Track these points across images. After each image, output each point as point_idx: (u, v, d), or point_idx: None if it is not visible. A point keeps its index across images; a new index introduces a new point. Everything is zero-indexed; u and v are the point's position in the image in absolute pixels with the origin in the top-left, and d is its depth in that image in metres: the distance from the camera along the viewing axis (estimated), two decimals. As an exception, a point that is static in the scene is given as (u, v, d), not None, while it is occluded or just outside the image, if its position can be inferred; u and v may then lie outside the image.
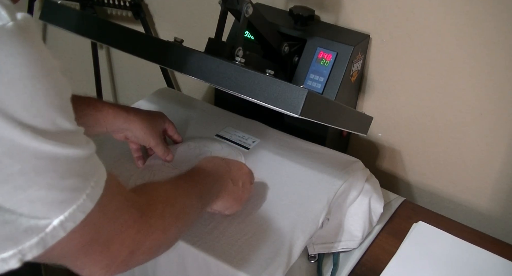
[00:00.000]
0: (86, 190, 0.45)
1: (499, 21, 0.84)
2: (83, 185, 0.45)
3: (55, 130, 0.42)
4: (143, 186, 0.61)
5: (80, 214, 0.44)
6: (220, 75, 0.69)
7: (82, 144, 0.45)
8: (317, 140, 0.96)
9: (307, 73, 0.95)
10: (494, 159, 0.96)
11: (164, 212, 0.57)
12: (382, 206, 0.89)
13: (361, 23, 0.98)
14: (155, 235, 0.55)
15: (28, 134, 0.40)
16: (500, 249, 0.85)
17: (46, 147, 0.41)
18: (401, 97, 1.01)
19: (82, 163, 0.45)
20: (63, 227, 0.44)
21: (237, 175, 0.78)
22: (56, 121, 0.42)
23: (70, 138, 0.43)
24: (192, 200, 0.65)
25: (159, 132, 0.88)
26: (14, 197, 0.41)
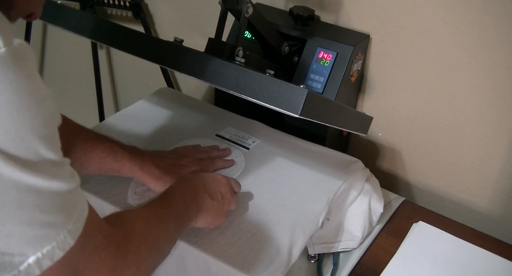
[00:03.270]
0: (68, 226, 0.43)
1: (499, 21, 0.84)
2: (65, 221, 0.43)
3: (39, 161, 0.41)
4: (120, 216, 0.59)
5: (58, 251, 0.43)
6: (220, 75, 0.69)
7: (67, 177, 0.44)
8: (317, 140, 0.96)
9: (307, 73, 0.95)
10: (494, 159, 0.96)
11: (139, 246, 0.55)
12: (382, 206, 0.89)
13: (361, 23, 0.98)
14: (130, 271, 0.52)
15: (11, 165, 0.38)
16: (500, 249, 0.85)
17: (29, 178, 0.40)
18: (401, 97, 1.01)
19: (65, 197, 0.43)
20: (39, 265, 0.42)
21: (214, 188, 0.75)
22: (40, 152, 0.41)
23: (54, 170, 0.42)
24: (169, 226, 0.63)
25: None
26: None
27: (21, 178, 0.39)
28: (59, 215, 0.42)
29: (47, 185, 0.41)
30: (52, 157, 0.42)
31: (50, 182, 0.41)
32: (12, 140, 0.39)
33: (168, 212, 0.65)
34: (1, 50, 0.38)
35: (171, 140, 0.95)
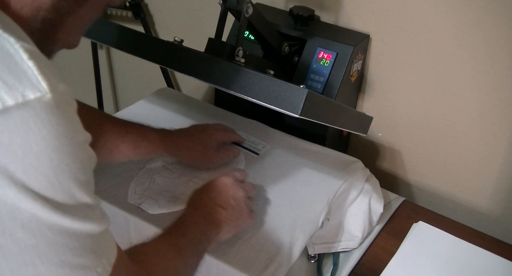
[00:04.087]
0: (98, 268, 0.44)
1: (500, 21, 0.84)
2: (94, 263, 0.43)
3: (75, 205, 0.41)
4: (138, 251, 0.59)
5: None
6: (220, 75, 0.69)
7: (98, 219, 0.44)
8: (317, 140, 0.96)
9: (307, 73, 0.95)
10: (494, 159, 0.96)
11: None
12: (382, 206, 0.89)
13: (361, 23, 0.98)
14: None
15: (47, 208, 0.39)
16: (500, 249, 0.85)
17: (63, 221, 0.40)
18: (401, 97, 1.01)
19: (96, 239, 0.44)
20: None
21: (223, 197, 0.74)
22: (76, 196, 0.41)
23: (88, 213, 0.42)
24: (187, 257, 0.63)
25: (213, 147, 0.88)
26: (23, 272, 0.40)
27: (56, 220, 0.39)
28: (90, 256, 0.43)
29: (80, 227, 0.41)
30: (87, 200, 0.42)
31: (83, 224, 0.42)
32: (50, 184, 0.39)
33: (185, 242, 0.65)
34: (46, 96, 0.38)
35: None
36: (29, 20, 0.45)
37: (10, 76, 0.37)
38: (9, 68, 0.37)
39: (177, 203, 0.81)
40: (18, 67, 0.37)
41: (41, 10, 0.45)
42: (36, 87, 0.37)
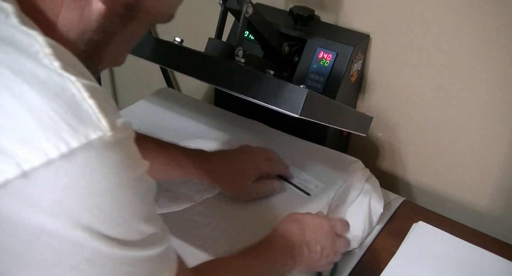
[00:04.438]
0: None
1: (500, 21, 0.84)
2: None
3: (138, 238, 0.41)
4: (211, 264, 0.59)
5: None
6: (220, 75, 0.69)
7: (161, 239, 0.44)
8: (317, 140, 0.96)
9: (307, 73, 0.95)
10: (494, 159, 0.96)
11: None
12: (382, 206, 0.89)
13: (361, 23, 0.98)
14: None
15: (111, 244, 0.39)
16: (500, 249, 0.85)
17: (127, 253, 0.40)
18: (401, 97, 1.01)
19: (159, 258, 0.43)
20: None
21: (314, 239, 0.71)
22: (141, 229, 0.41)
23: (151, 240, 0.42)
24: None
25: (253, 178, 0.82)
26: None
27: (120, 253, 0.39)
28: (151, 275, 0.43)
29: (145, 254, 0.41)
30: (150, 230, 0.42)
31: (147, 250, 0.42)
32: (114, 220, 0.39)
33: (259, 264, 0.64)
34: (107, 134, 0.37)
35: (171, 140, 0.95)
36: (76, 42, 0.45)
37: (74, 118, 0.36)
38: (72, 110, 0.37)
39: (177, 203, 0.81)
40: (80, 107, 0.37)
41: (87, 31, 0.45)
42: (97, 126, 0.37)
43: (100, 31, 0.46)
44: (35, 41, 0.38)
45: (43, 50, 0.38)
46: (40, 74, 0.37)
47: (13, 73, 0.36)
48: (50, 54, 0.38)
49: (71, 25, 0.44)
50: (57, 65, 0.38)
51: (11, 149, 0.35)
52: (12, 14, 0.39)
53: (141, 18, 0.48)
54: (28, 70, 0.37)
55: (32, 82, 0.36)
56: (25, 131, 0.35)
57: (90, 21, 0.45)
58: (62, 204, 0.36)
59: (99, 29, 0.46)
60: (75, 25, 0.44)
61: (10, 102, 0.35)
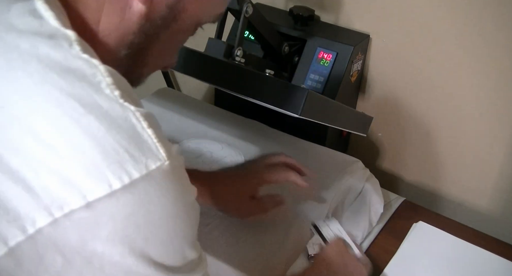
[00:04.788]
0: None
1: (500, 21, 0.84)
2: None
3: (184, 264, 0.42)
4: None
5: None
6: (220, 75, 0.69)
7: (200, 264, 0.44)
8: (317, 140, 0.96)
9: (307, 73, 0.95)
10: (494, 159, 0.96)
11: None
12: (382, 206, 0.89)
13: (361, 23, 0.98)
14: None
15: (160, 270, 0.39)
16: (500, 249, 0.84)
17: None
18: (401, 97, 1.01)
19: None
20: None
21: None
22: (187, 255, 0.42)
23: (193, 266, 0.43)
24: None
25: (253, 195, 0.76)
26: None
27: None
28: None
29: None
30: (193, 256, 0.43)
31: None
32: (165, 249, 0.40)
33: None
34: (165, 163, 0.38)
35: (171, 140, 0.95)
36: (118, 45, 0.45)
37: (135, 148, 0.37)
38: (134, 140, 0.37)
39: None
40: (141, 137, 0.38)
41: (128, 34, 0.45)
42: (156, 156, 0.38)
43: (142, 33, 0.46)
44: (98, 70, 0.38)
45: (105, 80, 0.38)
46: (103, 105, 0.37)
47: (79, 104, 0.37)
48: (111, 84, 0.38)
49: (112, 29, 0.44)
50: (117, 94, 0.38)
51: (77, 180, 0.36)
52: (74, 42, 0.39)
53: (184, 19, 0.47)
54: (93, 100, 0.37)
55: (97, 113, 0.37)
56: (90, 162, 0.36)
57: (130, 24, 0.45)
58: (120, 233, 0.37)
59: (140, 32, 0.45)
60: (115, 29, 0.44)
61: (77, 134, 0.36)
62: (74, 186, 0.35)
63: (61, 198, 0.35)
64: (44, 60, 0.37)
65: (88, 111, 0.36)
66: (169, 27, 0.47)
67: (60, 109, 0.36)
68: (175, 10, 0.46)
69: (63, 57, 0.38)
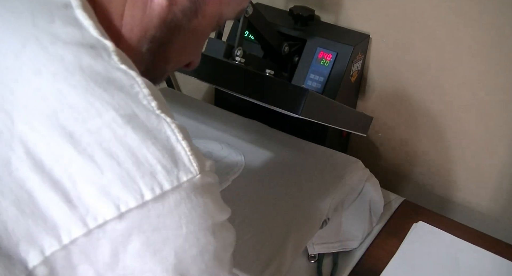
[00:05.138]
0: None
1: (500, 21, 0.84)
2: None
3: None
4: None
5: None
6: (220, 75, 0.69)
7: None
8: (317, 140, 0.96)
9: (307, 73, 0.95)
10: (494, 159, 0.96)
11: None
12: (382, 206, 0.89)
13: (361, 23, 0.98)
14: None
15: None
16: (500, 249, 0.85)
17: None
18: (401, 97, 1.01)
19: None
20: None
21: None
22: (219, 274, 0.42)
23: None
24: None
25: None
26: None
27: None
28: None
29: None
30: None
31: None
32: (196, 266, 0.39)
33: None
34: (197, 177, 0.38)
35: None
36: (140, 39, 0.45)
37: (169, 160, 0.37)
38: (167, 152, 0.38)
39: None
40: (174, 149, 0.38)
41: (150, 28, 0.45)
42: (188, 168, 0.38)
43: (164, 26, 0.46)
44: (135, 82, 0.39)
45: (142, 91, 0.39)
46: (140, 116, 0.38)
47: (117, 114, 0.37)
48: (148, 95, 0.39)
49: (134, 23, 0.44)
50: (154, 105, 0.39)
51: (111, 191, 0.36)
52: (113, 53, 0.39)
53: (206, 13, 0.47)
54: (130, 111, 0.38)
55: (134, 124, 0.37)
56: (124, 173, 0.36)
57: (152, 17, 0.45)
58: (151, 247, 0.37)
59: (162, 25, 0.46)
60: (138, 23, 0.44)
61: (114, 144, 0.36)
62: (108, 196, 0.36)
63: (96, 208, 0.36)
64: (86, 71, 0.38)
65: (126, 122, 0.37)
66: (191, 21, 0.47)
67: (101, 119, 0.37)
68: (196, 4, 0.46)
69: (104, 68, 0.38)
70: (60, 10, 0.40)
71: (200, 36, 0.51)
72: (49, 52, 0.38)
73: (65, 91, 0.37)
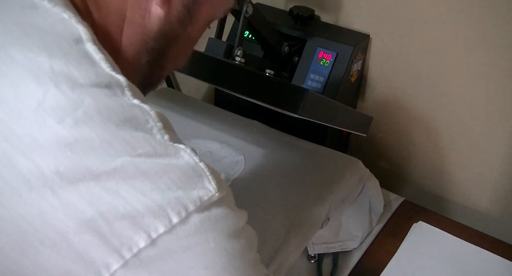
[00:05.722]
0: None
1: (500, 21, 0.84)
2: None
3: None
4: None
5: None
6: (220, 75, 0.69)
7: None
8: (317, 140, 0.96)
9: (307, 73, 0.95)
10: (494, 159, 0.96)
11: None
12: (382, 206, 0.89)
13: (361, 23, 0.98)
14: None
15: None
16: (500, 249, 0.85)
17: None
18: (401, 97, 1.01)
19: None
20: None
21: None
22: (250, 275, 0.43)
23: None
24: None
25: None
26: None
27: None
28: None
29: None
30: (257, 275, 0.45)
31: None
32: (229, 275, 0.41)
33: None
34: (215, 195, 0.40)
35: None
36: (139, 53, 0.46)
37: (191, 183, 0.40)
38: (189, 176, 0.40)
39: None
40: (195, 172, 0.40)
41: (149, 40, 0.46)
42: (208, 188, 0.40)
43: (161, 37, 0.46)
44: (150, 116, 0.40)
45: (156, 125, 0.40)
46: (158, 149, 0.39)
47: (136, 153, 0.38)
48: (162, 128, 0.40)
49: (134, 37, 0.45)
50: (167, 138, 0.40)
51: (141, 220, 0.37)
52: (126, 88, 0.40)
53: (199, 18, 0.48)
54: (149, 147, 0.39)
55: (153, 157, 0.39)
56: (151, 202, 0.38)
57: (150, 30, 0.45)
58: (181, 265, 0.39)
59: (160, 36, 0.46)
60: (137, 37, 0.45)
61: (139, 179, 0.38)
62: (139, 226, 0.37)
63: (129, 239, 0.37)
64: (104, 112, 0.39)
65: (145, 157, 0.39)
66: (186, 29, 0.48)
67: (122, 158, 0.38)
68: (191, 11, 0.47)
69: (120, 106, 0.39)
70: (72, 47, 0.40)
71: (193, 41, 0.52)
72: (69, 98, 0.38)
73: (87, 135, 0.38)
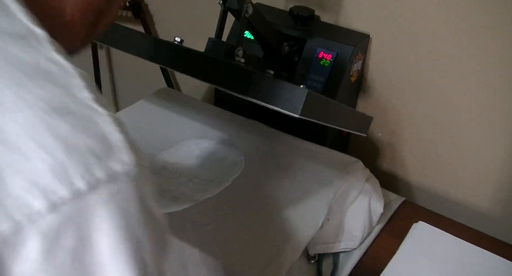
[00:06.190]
0: None
1: (500, 21, 0.84)
2: None
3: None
4: None
5: None
6: (220, 75, 0.69)
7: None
8: (317, 140, 0.96)
9: (307, 73, 0.95)
10: (494, 159, 0.96)
11: None
12: (382, 206, 0.89)
13: (361, 23, 0.98)
14: None
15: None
16: (500, 249, 0.84)
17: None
18: (401, 97, 1.01)
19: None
20: None
21: None
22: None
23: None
24: None
25: None
26: None
27: None
28: None
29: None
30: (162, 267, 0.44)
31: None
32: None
33: None
34: (131, 169, 0.37)
35: (171, 140, 0.95)
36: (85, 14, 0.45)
37: (103, 150, 0.36)
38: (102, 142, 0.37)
39: (177, 203, 0.81)
40: (109, 141, 0.37)
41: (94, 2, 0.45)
42: (123, 160, 0.37)
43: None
44: (70, 73, 0.38)
45: (77, 83, 0.38)
46: (74, 108, 0.36)
47: (50, 106, 0.36)
48: (84, 87, 0.38)
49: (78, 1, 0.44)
50: (90, 98, 0.37)
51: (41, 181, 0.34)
52: (45, 42, 0.38)
53: None
54: (64, 103, 0.36)
55: (66, 115, 0.36)
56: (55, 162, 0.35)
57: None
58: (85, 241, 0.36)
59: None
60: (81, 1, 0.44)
61: (45, 135, 0.35)
62: (38, 187, 0.34)
63: (24, 200, 0.34)
64: (16, 63, 0.36)
65: (58, 114, 0.36)
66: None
67: (30, 110, 0.35)
68: None
69: (34, 59, 0.37)
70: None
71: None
72: None
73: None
